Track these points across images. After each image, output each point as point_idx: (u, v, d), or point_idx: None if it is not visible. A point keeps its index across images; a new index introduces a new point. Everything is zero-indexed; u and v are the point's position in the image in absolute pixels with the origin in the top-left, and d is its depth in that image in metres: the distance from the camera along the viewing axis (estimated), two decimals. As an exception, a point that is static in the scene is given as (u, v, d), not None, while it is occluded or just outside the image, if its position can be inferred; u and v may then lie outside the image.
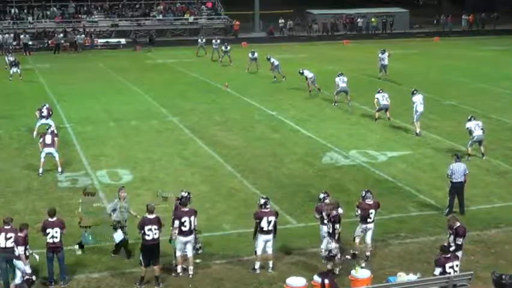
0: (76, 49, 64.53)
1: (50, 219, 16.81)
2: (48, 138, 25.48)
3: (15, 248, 15.96)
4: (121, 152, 28.44)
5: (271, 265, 17.46)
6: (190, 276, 17.06)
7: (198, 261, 17.59)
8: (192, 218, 17.06)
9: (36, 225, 17.86)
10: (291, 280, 15.24)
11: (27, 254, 16.00)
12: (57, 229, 16.66)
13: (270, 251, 17.45)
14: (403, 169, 25.85)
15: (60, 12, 73.46)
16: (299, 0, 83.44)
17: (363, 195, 18.10)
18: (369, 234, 18.05)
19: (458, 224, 16.44)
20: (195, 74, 48.55)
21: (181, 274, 17.13)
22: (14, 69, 46.56)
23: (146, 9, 75.88)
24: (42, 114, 29.97)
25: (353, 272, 15.68)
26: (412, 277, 15.25)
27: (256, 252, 17.44)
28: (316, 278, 15.10)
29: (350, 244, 18.24)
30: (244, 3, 78.19)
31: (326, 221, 17.25)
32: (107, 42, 67.93)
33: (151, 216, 16.91)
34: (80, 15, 73.49)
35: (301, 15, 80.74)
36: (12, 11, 72.28)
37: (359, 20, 78.36)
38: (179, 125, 33.03)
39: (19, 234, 16.02)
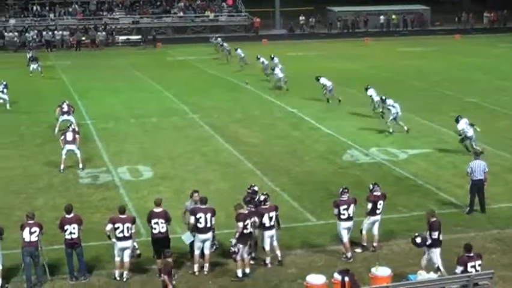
0: (96, 46, 64.80)
1: (67, 216, 16.91)
2: (69, 136, 25.61)
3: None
4: (141, 149, 28.55)
5: (279, 257, 17.56)
6: (205, 273, 17.12)
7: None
8: (209, 215, 17.09)
9: None
10: (311, 278, 15.23)
11: None
12: (75, 225, 16.76)
13: (275, 243, 17.59)
14: (423, 167, 25.76)
15: (82, 9, 73.79)
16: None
17: (371, 188, 18.47)
18: (376, 225, 18.40)
19: (433, 218, 16.63)
20: (215, 71, 48.64)
21: (197, 273, 17.19)
22: (34, 66, 46.86)
23: (167, 7, 76.04)
24: (63, 110, 30.14)
25: (373, 269, 15.65)
26: (433, 275, 15.21)
27: (264, 249, 17.55)
28: (337, 276, 15.08)
29: (358, 238, 18.40)
30: (264, 0, 78.15)
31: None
32: (127, 39, 68.14)
33: (158, 210, 17.05)
34: (101, 12, 73.77)
35: (321, 13, 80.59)
36: (34, 8, 72.68)
37: (380, 17, 78.05)
38: (199, 122, 33.11)
39: None
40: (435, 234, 16.47)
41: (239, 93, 40.03)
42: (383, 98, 31.26)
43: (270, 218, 17.41)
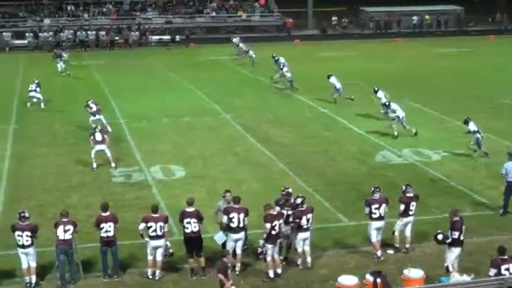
0: (130, 46, 65.17)
1: (103, 214, 17.06)
2: (98, 136, 25.87)
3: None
4: (174, 148, 28.69)
5: (309, 263, 17.56)
6: (237, 273, 17.16)
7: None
8: (242, 215, 17.16)
9: None
10: (343, 279, 15.22)
11: None
12: (111, 223, 16.91)
13: (307, 248, 17.58)
14: (456, 168, 25.60)
15: (116, 9, 74.26)
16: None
17: (403, 189, 18.44)
18: (409, 227, 18.39)
19: (456, 218, 16.64)
20: (247, 70, 48.65)
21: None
22: (61, 65, 47.22)
23: (200, 7, 76.26)
24: (92, 111, 30.40)
25: (405, 271, 15.59)
26: (466, 278, 15.11)
27: (296, 250, 17.62)
28: (369, 277, 15.05)
29: (390, 239, 18.41)
30: (297, 0, 78.03)
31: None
32: (160, 39, 68.41)
33: (190, 209, 17.13)
34: (134, 12, 74.18)
35: (354, 13, 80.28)
36: (69, 8, 73.29)
37: (413, 17, 77.54)
38: (231, 121, 33.19)
39: None
40: (455, 234, 16.51)
41: (270, 93, 40.01)
42: (387, 103, 31.03)
43: (308, 220, 17.42)
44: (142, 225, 16.92)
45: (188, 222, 16.97)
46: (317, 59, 47.68)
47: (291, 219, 17.40)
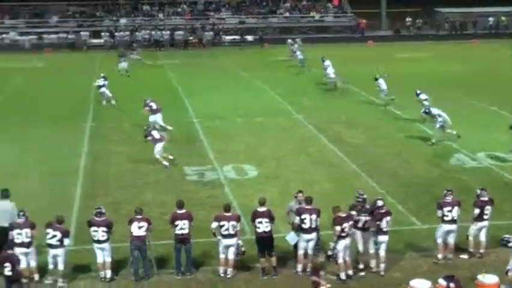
0: (203, 46, 65.75)
1: (178, 211, 17.26)
2: (156, 134, 26.45)
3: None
4: (247, 148, 28.85)
5: (382, 271, 17.40)
6: (308, 274, 17.16)
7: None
8: (314, 216, 17.15)
9: None
10: (416, 282, 15.06)
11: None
12: (186, 221, 17.10)
13: (383, 253, 17.41)
14: (533, 173, 25.12)
15: (190, 9, 75.02)
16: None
17: (478, 193, 18.19)
18: (483, 232, 18.11)
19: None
20: (318, 70, 48.39)
21: (300, 273, 17.28)
22: (122, 64, 47.92)
23: (273, 7, 76.44)
24: (153, 108, 30.76)
25: (479, 276, 15.37)
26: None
27: (369, 252, 17.51)
28: (442, 282, 14.88)
29: (464, 243, 18.19)
30: (371, 1, 77.47)
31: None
32: (234, 39, 68.82)
33: (262, 209, 17.19)
34: (208, 13, 74.80)
35: (429, 14, 79.31)
36: (144, 8, 74.37)
37: (489, 18, 76.18)
38: (304, 122, 33.19)
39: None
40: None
41: (341, 94, 39.85)
42: (427, 110, 30.33)
43: (387, 223, 17.34)
44: (214, 224, 17.07)
45: (260, 222, 17.06)
46: (391, 61, 47.29)
47: (364, 223, 17.28)
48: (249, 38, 68.43)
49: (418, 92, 32.92)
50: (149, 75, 47.83)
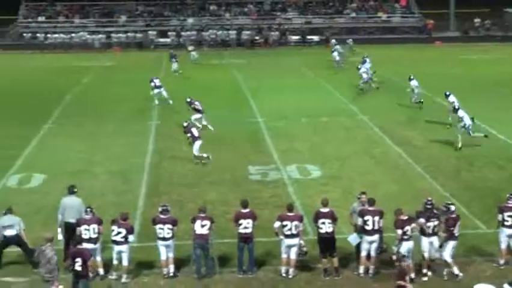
0: (269, 45, 65.90)
1: (243, 210, 17.33)
2: (195, 131, 26.84)
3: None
4: (311, 148, 28.81)
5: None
6: (370, 275, 17.12)
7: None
8: (377, 218, 17.06)
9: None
10: (480, 287, 14.87)
11: None
12: (250, 220, 17.16)
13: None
14: None
15: (257, 9, 75.28)
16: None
17: None
18: None
19: None
20: (383, 71, 47.94)
21: (362, 274, 17.21)
22: (174, 65, 48.44)
23: (339, 7, 76.17)
24: (198, 108, 31.24)
25: (545, 282, 15.08)
26: None
27: (443, 257, 17.27)
28: (507, 287, 14.64)
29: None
30: (439, 1, 76.52)
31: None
32: (300, 38, 68.77)
33: (325, 210, 17.17)
34: (275, 13, 74.94)
35: (498, 14, 77.95)
36: (211, 7, 74.90)
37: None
38: (368, 123, 33.00)
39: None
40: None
41: (404, 95, 39.45)
42: (456, 107, 29.83)
43: (458, 228, 17.15)
44: (277, 224, 17.11)
45: (323, 223, 17.04)
46: (459, 62, 46.63)
47: (434, 229, 17.07)
48: (315, 38, 68.32)
49: (447, 93, 32.47)
50: (215, 74, 48.14)
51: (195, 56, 55.54)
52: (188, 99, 32.32)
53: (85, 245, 16.40)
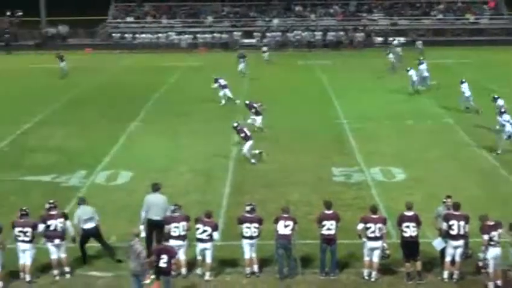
0: (354, 47, 65.59)
1: (326, 212, 17.33)
2: (247, 131, 27.09)
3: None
4: (395, 151, 28.57)
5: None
6: (454, 281, 16.91)
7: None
8: (462, 222, 16.84)
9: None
10: None
11: None
12: (333, 222, 17.15)
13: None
14: None
15: (342, 10, 75.02)
16: None
17: None
18: None
19: None
20: (472, 74, 47.15)
21: (446, 279, 17.00)
22: (241, 65, 48.63)
23: (426, 9, 75.21)
24: (256, 110, 31.50)
25: None
26: None
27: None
28: None
29: None
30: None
31: None
32: (385, 40, 68.15)
33: (409, 213, 17.03)
34: (360, 14, 74.53)
35: None
36: (297, 8, 74.97)
37: None
38: (454, 126, 32.55)
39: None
40: None
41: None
42: (502, 110, 28.83)
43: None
44: (360, 226, 17.06)
45: (407, 226, 16.91)
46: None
47: None
48: (401, 39, 67.55)
49: (495, 96, 31.63)
50: (300, 75, 48.19)
51: (267, 57, 55.60)
52: (248, 102, 32.51)
53: (174, 242, 16.72)
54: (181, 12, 75.15)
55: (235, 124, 27.99)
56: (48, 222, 17.27)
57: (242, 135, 27.14)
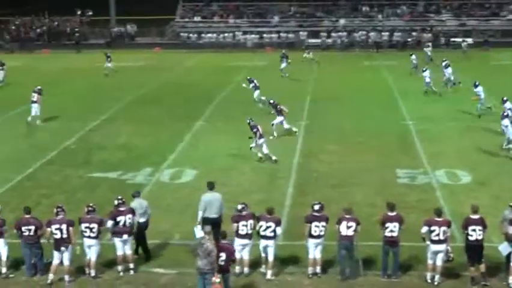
0: (421, 47, 64.83)
1: (389, 213, 17.22)
2: (261, 129, 27.05)
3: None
4: (459, 152, 28.24)
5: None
6: (510, 285, 16.64)
7: None
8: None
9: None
10: None
11: None
12: (396, 224, 17.03)
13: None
14: None
15: (410, 10, 74.30)
16: None
17: None
18: None
19: None
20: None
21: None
22: (283, 65, 48.55)
23: (496, 9, 73.93)
24: (283, 111, 31.41)
25: None
26: None
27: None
28: None
29: None
30: None
31: None
32: (453, 41, 67.25)
33: (475, 217, 16.79)
34: (428, 14, 73.70)
35: None
36: (364, 9, 74.56)
37: None
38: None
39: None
40: None
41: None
42: (506, 114, 28.17)
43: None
44: (424, 229, 16.88)
45: (473, 230, 16.67)
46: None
47: None
48: (469, 40, 66.62)
49: (505, 98, 30.98)
50: (366, 76, 47.92)
51: (310, 57, 55.21)
52: (272, 101, 32.40)
53: (241, 241, 17.01)
54: (248, 12, 75.44)
55: (248, 121, 27.99)
56: (118, 219, 17.56)
57: (255, 130, 27.10)
